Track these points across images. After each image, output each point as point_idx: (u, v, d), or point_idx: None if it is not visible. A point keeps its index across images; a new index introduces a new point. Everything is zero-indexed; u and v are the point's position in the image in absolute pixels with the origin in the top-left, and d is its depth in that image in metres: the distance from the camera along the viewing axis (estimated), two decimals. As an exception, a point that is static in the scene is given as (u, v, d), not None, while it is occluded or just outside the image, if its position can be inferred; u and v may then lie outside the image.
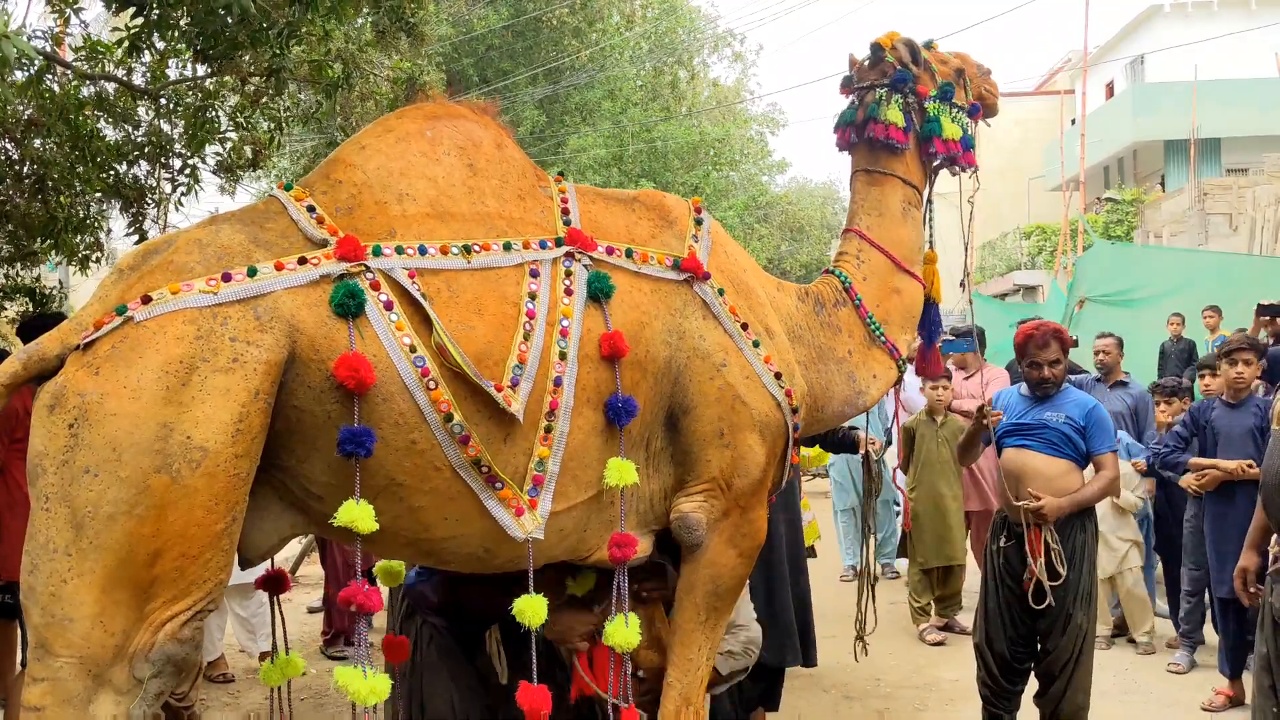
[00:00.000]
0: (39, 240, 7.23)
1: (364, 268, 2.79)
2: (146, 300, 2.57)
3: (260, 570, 3.21)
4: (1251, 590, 4.25)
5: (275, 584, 3.33)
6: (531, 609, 2.94)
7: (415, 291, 2.81)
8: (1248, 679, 6.17)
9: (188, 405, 2.51)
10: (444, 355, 2.77)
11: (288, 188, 2.99)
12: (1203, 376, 6.88)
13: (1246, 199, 20.11)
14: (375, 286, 2.77)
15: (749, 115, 28.58)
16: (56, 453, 2.46)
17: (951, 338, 8.04)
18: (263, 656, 6.72)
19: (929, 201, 4.14)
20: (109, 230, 8.31)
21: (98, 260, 8.01)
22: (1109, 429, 5.15)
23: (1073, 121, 27.32)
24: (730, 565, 3.35)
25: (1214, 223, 20.90)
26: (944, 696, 6.16)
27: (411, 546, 3.01)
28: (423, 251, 2.89)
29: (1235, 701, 6.11)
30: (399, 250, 2.85)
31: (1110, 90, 31.12)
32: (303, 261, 2.75)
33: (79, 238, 7.38)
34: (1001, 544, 5.07)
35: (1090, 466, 5.13)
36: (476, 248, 2.97)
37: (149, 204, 7.50)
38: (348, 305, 2.71)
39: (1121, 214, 25.55)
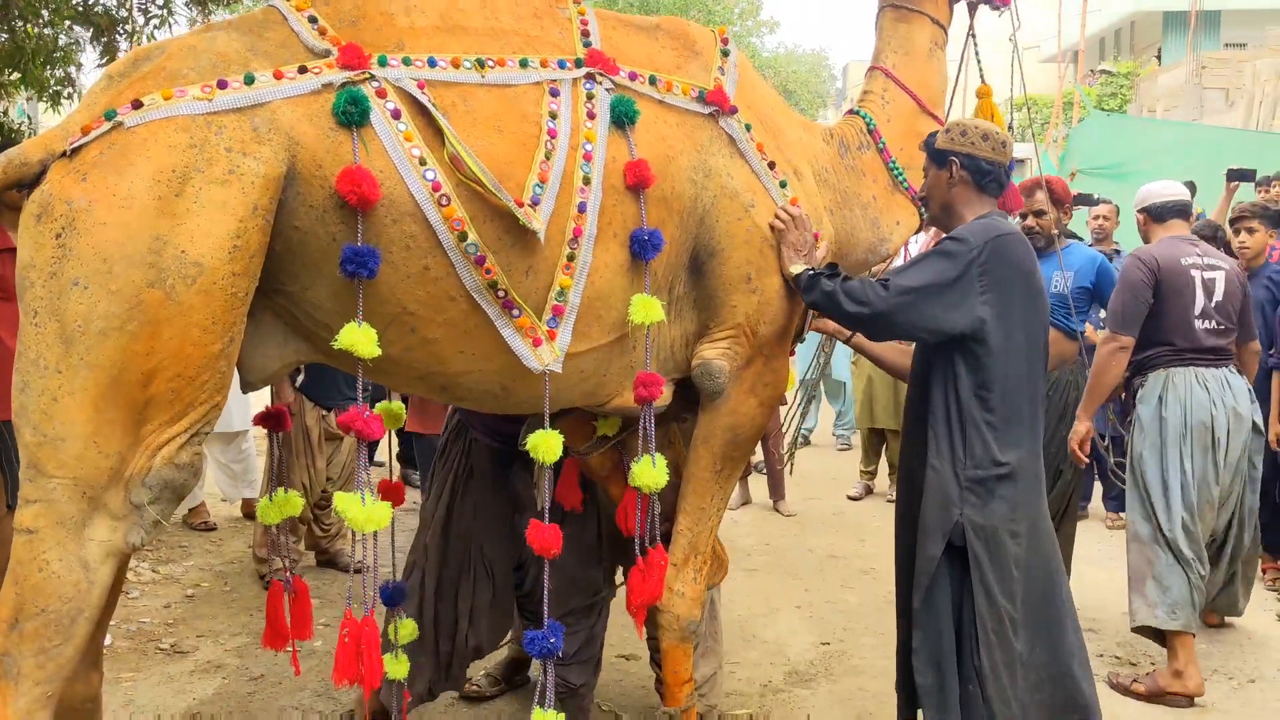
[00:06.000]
0: (5, 72, 6.91)
1: (369, 76, 2.61)
2: (137, 105, 2.41)
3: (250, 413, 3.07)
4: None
5: (275, 420, 3.22)
6: (545, 445, 2.83)
7: (425, 99, 2.62)
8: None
9: (182, 218, 2.37)
10: (458, 167, 2.59)
11: None
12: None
13: (1245, 73, 19.68)
14: (381, 95, 2.60)
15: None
16: (44, 264, 2.33)
17: None
18: (246, 504, 6.69)
19: (972, 35, 3.95)
20: (80, 65, 7.98)
21: (69, 96, 7.69)
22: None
23: (1071, -10, 26.63)
24: (750, 414, 3.25)
25: (1210, 97, 20.52)
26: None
27: (424, 381, 2.89)
28: (432, 64, 2.70)
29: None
30: (406, 61, 2.67)
31: (1110, -42, 30.30)
32: (303, 70, 2.57)
33: (49, 70, 7.07)
34: None
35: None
36: (491, 63, 2.78)
37: (120, 35, 7.16)
38: (351, 113, 2.53)
39: (1116, 87, 25.14)
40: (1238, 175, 8.31)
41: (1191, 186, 11.41)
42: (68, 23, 6.94)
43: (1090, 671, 3.22)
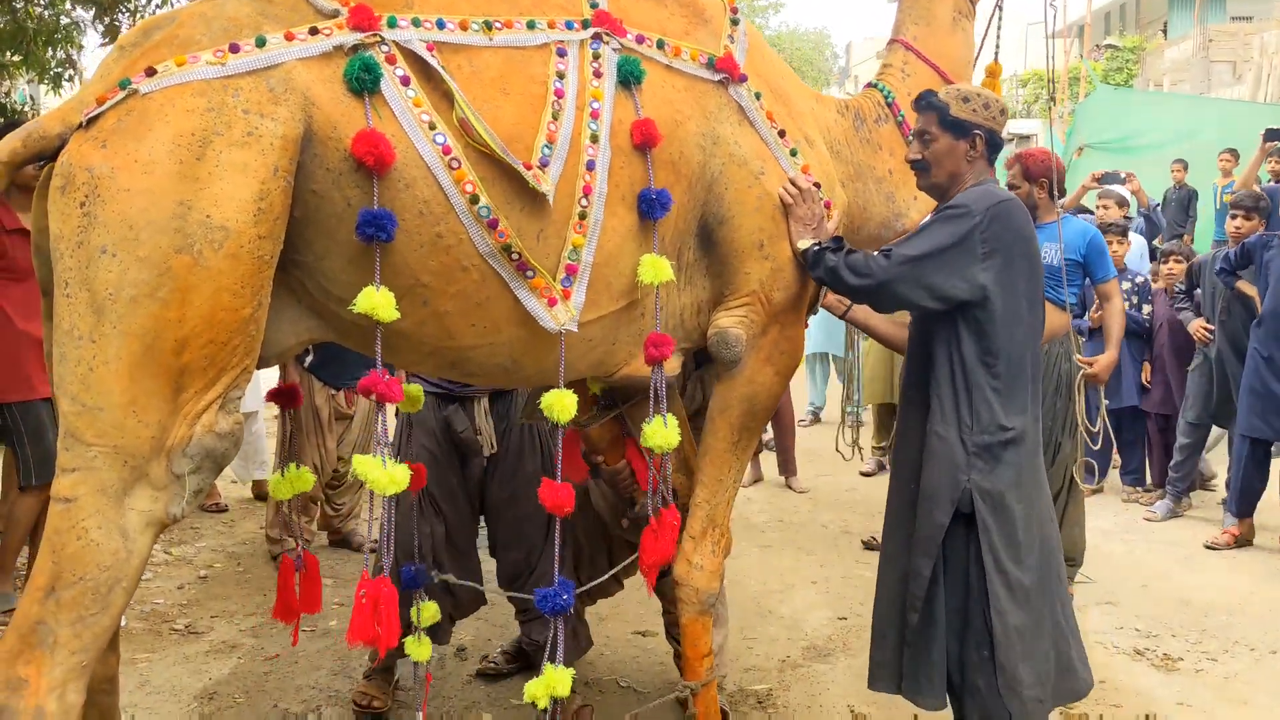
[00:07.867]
0: (7, 53, 6.87)
1: (379, 39, 2.59)
2: (151, 73, 2.40)
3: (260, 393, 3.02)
4: None
5: (287, 397, 3.19)
6: (560, 405, 2.81)
7: (435, 63, 2.60)
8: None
9: (205, 182, 2.35)
10: (467, 131, 2.58)
11: None
12: (1234, 217, 6.68)
13: (1253, 46, 19.57)
14: (391, 60, 2.58)
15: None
16: (71, 234, 2.32)
17: None
18: (256, 485, 6.68)
19: (999, 7, 3.87)
20: (81, 46, 7.94)
21: (70, 78, 7.65)
22: (1108, 255, 5.03)
23: (1076, -36, 26.42)
24: (767, 384, 3.23)
25: (1217, 71, 20.42)
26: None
27: (435, 356, 2.85)
28: (441, 25, 2.68)
29: (1241, 541, 6.10)
30: (415, 22, 2.65)
31: (1115, -69, 30.10)
32: (314, 32, 2.54)
33: (50, 52, 7.03)
34: None
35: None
36: (498, 24, 2.76)
37: (122, 14, 7.11)
38: (363, 80, 2.51)
39: (1122, 61, 24.99)
40: (1275, 135, 8.25)
41: (1234, 155, 11.43)
42: (69, 4, 6.91)
43: (1074, 642, 3.19)
